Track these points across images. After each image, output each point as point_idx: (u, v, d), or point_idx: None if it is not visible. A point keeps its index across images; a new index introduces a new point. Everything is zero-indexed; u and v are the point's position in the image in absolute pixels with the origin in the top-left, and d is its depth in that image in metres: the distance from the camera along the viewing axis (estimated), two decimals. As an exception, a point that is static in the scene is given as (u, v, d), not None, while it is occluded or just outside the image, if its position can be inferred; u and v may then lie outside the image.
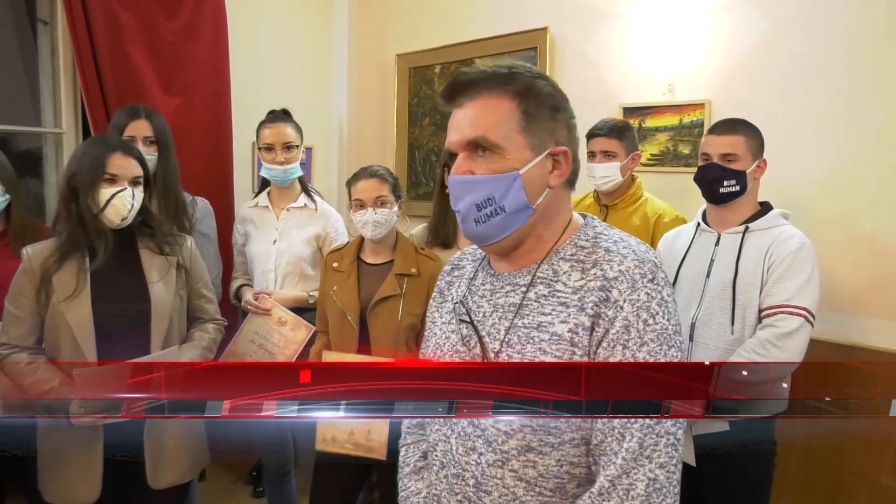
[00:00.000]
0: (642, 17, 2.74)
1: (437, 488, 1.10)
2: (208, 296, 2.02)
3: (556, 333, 0.97)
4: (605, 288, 0.96)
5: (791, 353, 1.75)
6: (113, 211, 1.76)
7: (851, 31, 2.25)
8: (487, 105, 1.01)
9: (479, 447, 1.01)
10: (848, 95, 2.26)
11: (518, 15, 3.15)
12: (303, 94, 3.80)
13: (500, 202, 1.00)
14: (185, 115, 3.07)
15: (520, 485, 0.99)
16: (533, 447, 0.97)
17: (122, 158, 1.78)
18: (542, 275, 1.03)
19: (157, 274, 1.85)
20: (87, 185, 1.75)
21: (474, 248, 1.22)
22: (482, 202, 1.01)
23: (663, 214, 2.33)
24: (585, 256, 1.02)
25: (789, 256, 1.82)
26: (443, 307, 1.20)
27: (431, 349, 1.16)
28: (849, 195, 2.28)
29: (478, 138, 1.01)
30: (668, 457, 0.93)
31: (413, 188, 3.78)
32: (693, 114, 2.63)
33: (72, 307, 1.74)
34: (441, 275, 1.26)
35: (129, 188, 1.77)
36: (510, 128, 1.00)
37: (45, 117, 3.13)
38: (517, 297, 1.04)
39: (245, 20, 3.51)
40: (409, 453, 1.24)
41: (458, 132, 1.03)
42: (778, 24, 2.40)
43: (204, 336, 1.98)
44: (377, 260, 2.09)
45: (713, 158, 1.93)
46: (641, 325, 0.94)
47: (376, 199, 2.02)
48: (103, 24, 2.88)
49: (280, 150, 2.43)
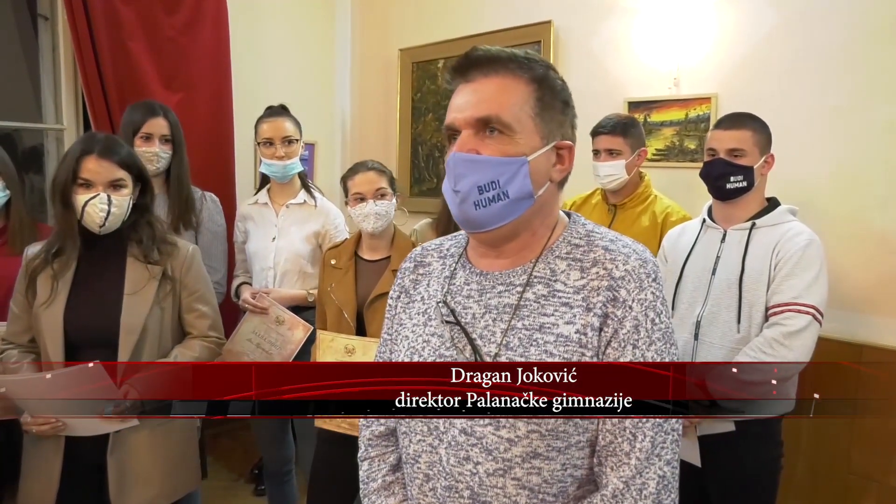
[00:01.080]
0: (647, 10, 2.70)
1: (419, 502, 1.03)
2: (202, 310, 1.86)
3: (562, 335, 0.94)
4: (613, 288, 0.95)
5: (798, 352, 1.71)
6: (88, 218, 1.68)
7: (860, 25, 2.20)
8: (504, 84, 0.97)
9: (474, 456, 0.96)
10: (856, 90, 2.22)
11: (522, 8, 3.12)
12: (305, 89, 3.78)
13: (504, 187, 0.95)
14: (187, 112, 3.04)
15: (522, 493, 0.94)
16: (539, 453, 0.94)
17: (96, 162, 1.67)
18: (539, 274, 1.00)
19: (136, 284, 1.74)
20: (62, 190, 1.68)
21: (438, 243, 1.17)
22: (485, 185, 0.95)
23: (671, 213, 2.29)
24: (582, 255, 1.00)
25: (797, 253, 1.78)
26: (410, 307, 1.11)
27: (404, 353, 1.07)
28: (857, 191, 2.24)
29: (490, 116, 0.96)
30: (673, 453, 0.94)
31: (416, 184, 3.75)
32: (699, 108, 2.59)
33: (46, 313, 1.70)
34: (401, 273, 1.17)
35: (102, 194, 1.66)
36: (524, 112, 0.97)
37: (47, 113, 3.12)
38: (512, 297, 0.99)
39: (246, 15, 3.49)
40: (374, 468, 1.15)
41: (469, 108, 0.97)
42: (786, 18, 2.36)
43: (185, 353, 1.81)
44: (374, 256, 2.08)
45: (720, 154, 1.90)
46: (650, 324, 0.94)
47: (376, 191, 2.02)
48: (104, 20, 2.87)
49: (280, 145, 2.40)
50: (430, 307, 1.08)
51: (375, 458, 1.15)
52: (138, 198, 1.79)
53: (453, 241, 1.16)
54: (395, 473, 1.13)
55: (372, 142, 3.94)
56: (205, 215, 2.47)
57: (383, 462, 1.15)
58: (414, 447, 1.04)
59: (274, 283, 2.42)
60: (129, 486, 1.73)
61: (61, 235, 1.74)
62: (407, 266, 1.17)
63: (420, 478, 1.03)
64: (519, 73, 0.98)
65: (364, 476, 1.16)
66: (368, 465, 1.16)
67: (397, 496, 1.11)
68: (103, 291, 1.73)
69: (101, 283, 1.74)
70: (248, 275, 2.55)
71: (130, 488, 1.73)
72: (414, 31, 3.66)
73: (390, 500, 1.11)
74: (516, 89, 0.97)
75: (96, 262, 1.75)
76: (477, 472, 0.96)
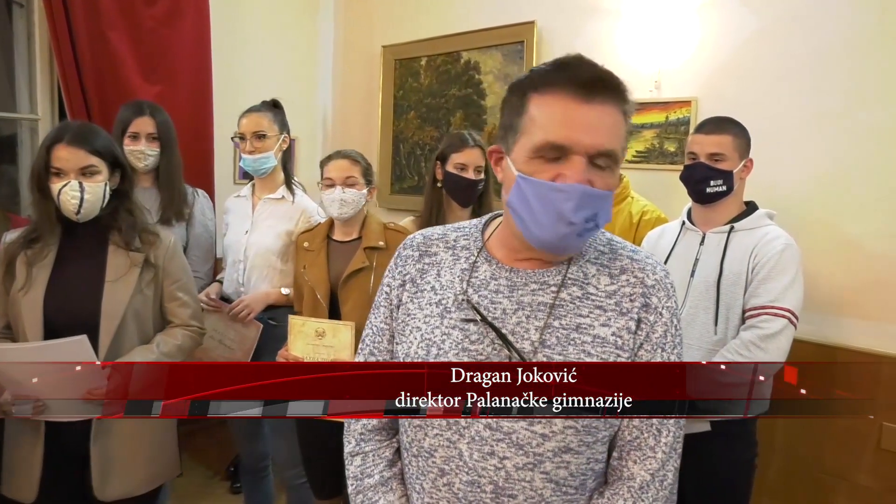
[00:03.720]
0: (630, 13, 2.72)
1: (431, 496, 1.02)
2: (183, 299, 1.88)
3: (598, 336, 0.99)
4: (646, 295, 1.02)
5: (774, 354, 1.74)
6: (63, 206, 1.70)
7: (840, 32, 2.24)
8: (615, 116, 0.95)
9: (499, 451, 0.96)
10: (835, 96, 2.26)
11: (505, 8, 3.13)
12: (287, 84, 3.74)
13: (598, 219, 0.96)
14: (166, 104, 2.97)
15: (549, 486, 0.98)
16: (571, 448, 0.98)
17: (66, 150, 1.67)
18: (573, 276, 1.03)
19: (117, 271, 1.75)
20: (38, 180, 1.70)
21: (442, 234, 1.14)
22: (590, 216, 0.95)
23: (645, 212, 2.33)
24: (609, 262, 1.05)
25: (774, 257, 1.81)
26: (419, 297, 1.08)
27: (417, 345, 1.04)
28: (834, 196, 2.28)
29: (611, 151, 0.94)
30: (681, 447, 1.04)
31: (397, 181, 3.74)
32: (679, 111, 2.62)
33: (26, 299, 1.70)
34: (403, 260, 1.13)
35: (73, 181, 1.67)
36: (622, 146, 0.97)
37: (21, 103, 3.06)
38: (548, 296, 1.01)
39: (228, 7, 3.45)
40: (369, 463, 1.12)
41: (594, 135, 0.93)
42: (767, 23, 2.39)
43: (167, 341, 1.82)
44: (346, 238, 2.11)
45: (700, 158, 1.92)
46: (674, 329, 1.04)
47: (346, 178, 2.04)
48: (81, 8, 2.82)
49: (251, 139, 2.38)
50: (445, 298, 1.06)
51: (370, 454, 1.13)
52: (118, 185, 1.79)
53: (460, 232, 1.14)
54: (392, 469, 1.12)
55: (353, 138, 3.92)
56: (196, 209, 2.51)
57: (379, 457, 1.12)
58: (430, 441, 1.02)
59: (243, 277, 2.40)
60: (111, 475, 1.74)
61: (39, 224, 1.74)
62: (410, 254, 1.13)
63: (434, 472, 1.02)
64: (622, 106, 0.96)
65: (357, 472, 1.13)
66: (362, 460, 1.13)
67: (396, 492, 1.10)
68: (84, 277, 1.74)
69: (81, 269, 1.75)
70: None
71: (113, 476, 1.75)
72: (397, 28, 3.64)
73: (390, 496, 1.09)
74: (621, 122, 0.96)
75: (77, 248, 1.76)
76: (503, 467, 0.97)
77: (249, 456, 2.55)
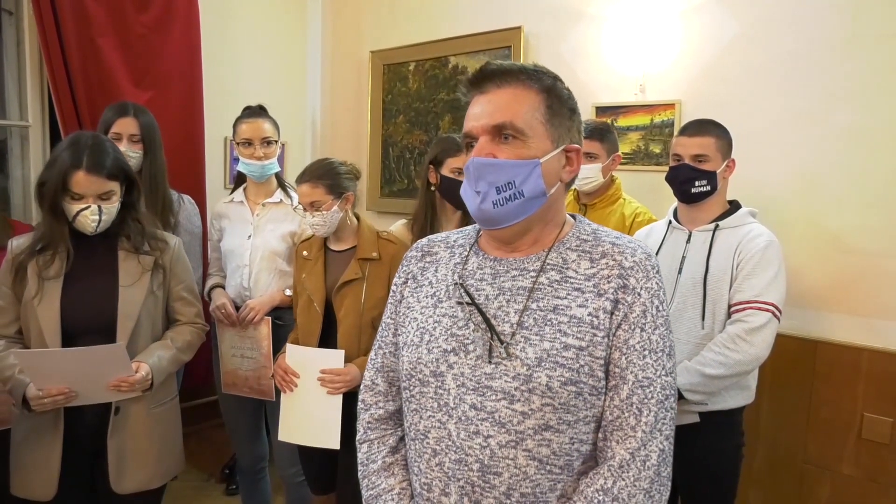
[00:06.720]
0: (615, 18, 2.78)
1: (426, 476, 1.09)
2: (188, 298, 1.99)
3: (575, 316, 1.03)
4: (623, 276, 1.05)
5: (759, 347, 1.81)
6: (80, 225, 1.75)
7: (818, 35, 2.31)
8: (516, 94, 1.06)
9: (484, 430, 1.02)
10: (814, 97, 2.33)
11: (492, 13, 3.18)
12: (276, 89, 3.78)
13: (519, 187, 1.05)
14: (157, 110, 2.99)
15: (532, 464, 1.01)
16: (551, 426, 1.01)
17: (85, 178, 1.71)
18: (552, 262, 1.09)
19: (131, 276, 1.83)
20: (52, 199, 1.73)
21: (445, 236, 1.25)
22: (503, 185, 1.05)
23: (638, 214, 2.38)
24: (591, 248, 1.10)
25: (757, 254, 1.87)
26: (418, 291, 1.19)
27: (413, 334, 1.14)
28: (814, 194, 2.35)
29: (505, 123, 1.05)
30: (671, 430, 1.04)
31: (386, 185, 3.78)
32: (664, 113, 2.68)
33: (42, 305, 1.75)
34: (407, 261, 1.25)
35: (93, 205, 1.73)
36: (535, 118, 1.06)
37: (11, 110, 3.06)
38: (527, 281, 1.08)
39: (218, 14, 3.48)
40: (374, 449, 1.21)
41: (485, 116, 1.06)
42: (747, 27, 2.47)
43: (178, 338, 1.94)
44: (341, 247, 2.14)
45: (685, 159, 1.98)
46: (655, 310, 1.05)
47: (310, 204, 2.05)
48: (71, 15, 2.83)
49: (259, 146, 2.42)
50: (439, 290, 1.16)
51: (375, 441, 1.22)
52: (125, 196, 1.83)
53: (461, 234, 1.25)
54: (395, 455, 1.19)
55: (343, 143, 3.96)
56: (182, 216, 2.50)
57: (383, 444, 1.21)
58: (424, 423, 1.10)
59: (249, 281, 2.43)
60: (126, 468, 1.82)
61: (48, 235, 1.78)
62: (413, 255, 1.25)
63: (428, 453, 1.09)
64: (529, 84, 1.07)
65: (363, 458, 1.22)
66: (368, 447, 1.22)
67: (397, 476, 1.17)
68: (98, 283, 1.80)
69: (94, 275, 1.81)
70: (221, 273, 2.55)
71: (128, 470, 1.82)
72: (385, 33, 3.68)
73: (390, 480, 1.17)
74: (527, 98, 1.07)
75: (87, 257, 1.81)
76: (488, 445, 1.02)
77: (247, 457, 2.58)
